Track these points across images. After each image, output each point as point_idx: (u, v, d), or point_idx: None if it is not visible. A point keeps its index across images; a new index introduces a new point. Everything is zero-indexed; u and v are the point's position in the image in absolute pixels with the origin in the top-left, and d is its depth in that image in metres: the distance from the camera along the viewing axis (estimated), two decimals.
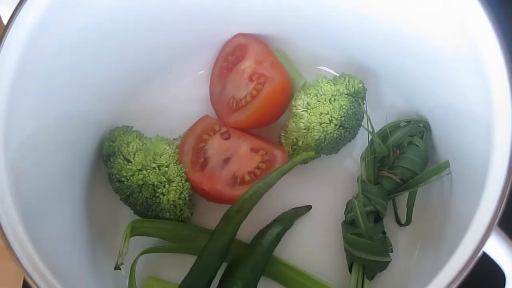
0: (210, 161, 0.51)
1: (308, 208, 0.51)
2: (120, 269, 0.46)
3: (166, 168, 0.49)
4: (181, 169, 0.49)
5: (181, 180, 0.49)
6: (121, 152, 0.49)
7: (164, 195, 0.48)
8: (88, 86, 0.48)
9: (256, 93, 0.51)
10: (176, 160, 0.50)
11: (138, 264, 0.48)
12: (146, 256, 0.49)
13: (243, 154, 0.51)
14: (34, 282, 0.36)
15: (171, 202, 0.48)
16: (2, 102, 0.39)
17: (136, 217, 0.51)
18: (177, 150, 0.51)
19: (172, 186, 0.49)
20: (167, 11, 0.49)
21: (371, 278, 0.48)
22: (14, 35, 0.40)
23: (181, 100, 0.57)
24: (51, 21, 0.41)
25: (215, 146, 0.51)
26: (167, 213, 0.49)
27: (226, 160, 0.51)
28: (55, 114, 0.45)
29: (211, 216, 0.51)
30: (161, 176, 0.48)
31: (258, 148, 0.51)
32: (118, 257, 0.46)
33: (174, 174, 0.49)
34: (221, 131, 0.52)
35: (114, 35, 0.48)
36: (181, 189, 0.49)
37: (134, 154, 0.49)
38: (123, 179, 0.48)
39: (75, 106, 0.48)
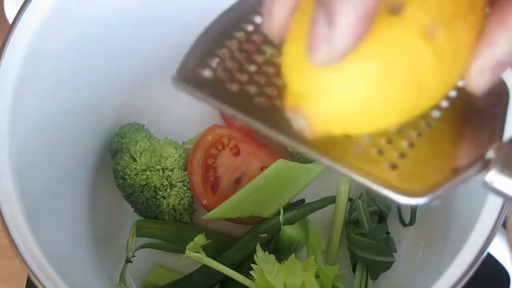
0: (221, 181, 0.50)
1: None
2: (131, 262, 0.47)
3: (170, 172, 0.49)
4: (184, 176, 0.49)
5: (183, 186, 0.49)
6: (128, 150, 0.49)
7: (164, 198, 0.48)
8: (94, 81, 0.48)
9: None
10: (181, 165, 0.50)
11: (144, 253, 0.49)
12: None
13: (254, 173, 0.50)
14: (37, 279, 0.36)
15: (171, 206, 0.49)
16: (8, 98, 0.39)
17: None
18: (184, 155, 0.50)
19: (174, 191, 0.49)
20: (176, 10, 0.49)
21: (375, 278, 0.48)
22: (19, 33, 0.40)
23: (188, 97, 0.56)
24: (57, 19, 0.41)
25: (225, 163, 0.50)
26: (166, 216, 0.49)
27: (237, 180, 0.50)
28: (61, 108, 0.45)
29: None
30: (164, 180, 0.48)
31: (268, 166, 0.49)
32: (127, 251, 0.47)
33: (177, 179, 0.49)
34: (230, 145, 0.51)
35: (120, 34, 0.48)
36: (182, 195, 0.49)
37: (141, 153, 0.49)
38: (126, 177, 0.48)
39: (82, 101, 0.48)
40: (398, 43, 0.20)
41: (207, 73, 0.25)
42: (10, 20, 0.41)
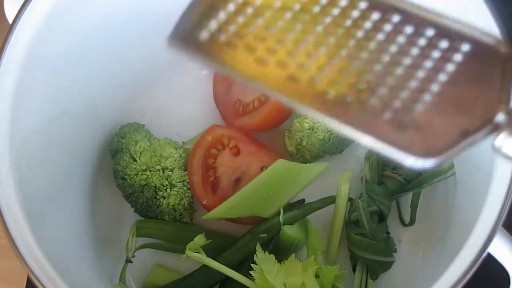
0: (221, 181, 0.50)
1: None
2: (131, 262, 0.47)
3: (170, 172, 0.49)
4: (185, 176, 0.49)
5: (183, 186, 0.49)
6: (128, 150, 0.49)
7: (164, 198, 0.48)
8: (94, 82, 0.48)
9: (264, 99, 0.51)
10: (181, 165, 0.50)
11: (144, 253, 0.49)
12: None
13: (253, 173, 0.49)
14: (37, 279, 0.36)
15: (171, 206, 0.49)
16: (8, 99, 0.39)
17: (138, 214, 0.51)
18: (184, 155, 0.50)
19: (174, 191, 0.49)
20: (178, 12, 0.49)
21: (375, 278, 0.48)
22: (19, 33, 0.40)
23: (188, 98, 0.57)
24: (57, 19, 0.41)
25: (225, 163, 0.50)
26: (166, 216, 0.49)
27: (237, 180, 0.50)
28: (62, 109, 0.45)
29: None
30: (164, 179, 0.48)
31: (268, 166, 0.49)
32: (127, 251, 0.47)
33: (177, 179, 0.49)
34: (230, 145, 0.51)
35: (120, 34, 0.48)
36: (182, 195, 0.49)
37: (141, 153, 0.49)
38: (126, 177, 0.48)
39: (82, 101, 0.48)
40: None
41: (204, 34, 0.24)
42: (10, 20, 0.41)
